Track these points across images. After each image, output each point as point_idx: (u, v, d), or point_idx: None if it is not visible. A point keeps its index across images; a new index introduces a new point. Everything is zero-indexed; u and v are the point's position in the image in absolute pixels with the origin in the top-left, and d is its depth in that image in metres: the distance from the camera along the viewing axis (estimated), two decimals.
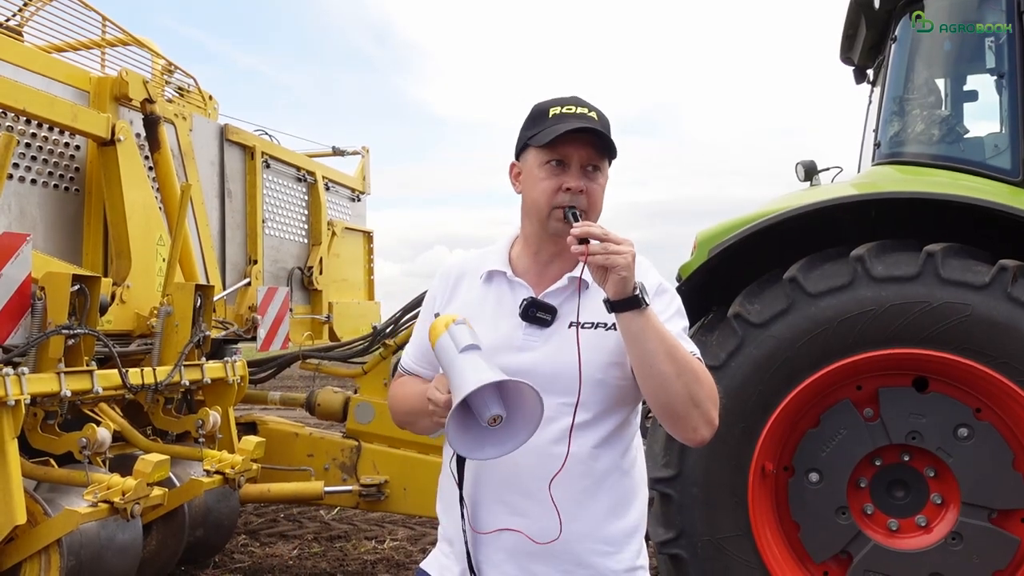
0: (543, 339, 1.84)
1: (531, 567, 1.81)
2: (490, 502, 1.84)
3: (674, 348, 1.72)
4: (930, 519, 3.50)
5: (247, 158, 6.12)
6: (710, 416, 1.76)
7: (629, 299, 1.68)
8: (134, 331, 4.66)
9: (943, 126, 4.17)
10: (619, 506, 1.87)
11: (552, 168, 1.84)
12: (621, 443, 1.88)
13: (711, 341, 3.54)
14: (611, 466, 1.86)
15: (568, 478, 1.79)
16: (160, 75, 5.58)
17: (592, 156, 1.84)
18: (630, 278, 1.67)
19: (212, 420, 4.58)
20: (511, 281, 1.92)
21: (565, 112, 1.86)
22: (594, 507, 1.83)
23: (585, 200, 1.82)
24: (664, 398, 1.73)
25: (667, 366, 1.70)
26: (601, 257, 1.66)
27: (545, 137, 1.82)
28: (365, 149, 7.86)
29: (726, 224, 3.72)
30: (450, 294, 2.00)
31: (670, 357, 1.70)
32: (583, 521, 1.81)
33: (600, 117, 1.86)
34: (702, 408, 1.74)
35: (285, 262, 6.54)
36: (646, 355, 1.70)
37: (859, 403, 3.53)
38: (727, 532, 3.49)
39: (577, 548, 1.81)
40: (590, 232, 1.68)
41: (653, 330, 1.70)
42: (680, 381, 1.71)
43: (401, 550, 6.19)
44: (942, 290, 3.34)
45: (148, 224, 4.79)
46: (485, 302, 1.92)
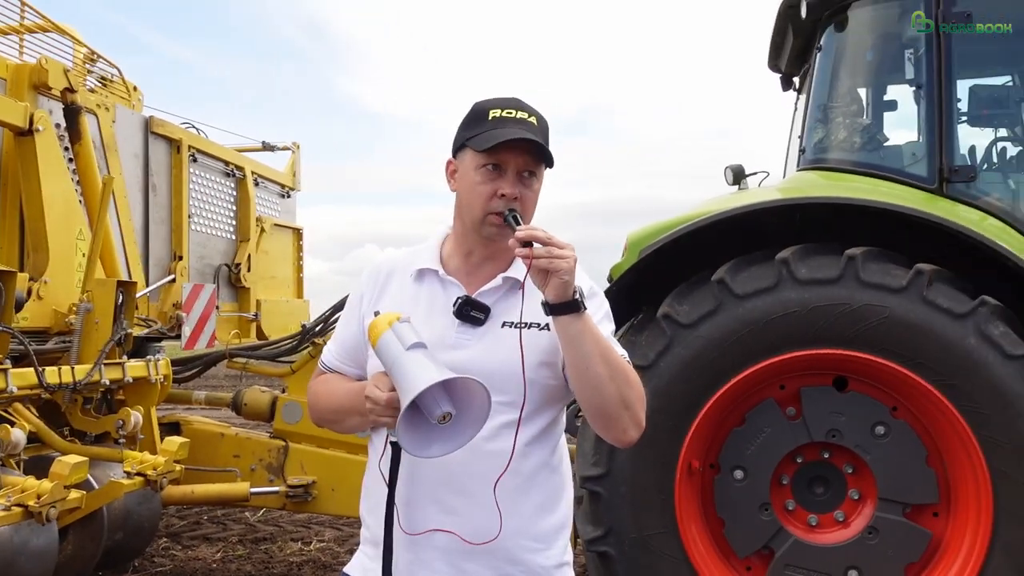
0: (476, 338, 1.84)
1: (464, 566, 1.81)
2: (424, 502, 1.82)
3: (608, 351, 1.75)
4: (848, 514, 3.61)
5: (173, 151, 5.98)
6: (639, 418, 1.80)
7: (569, 303, 1.69)
8: (52, 328, 4.52)
9: (864, 134, 4.31)
10: (549, 503, 1.89)
11: (488, 172, 1.84)
12: (550, 441, 1.90)
13: (640, 341, 3.59)
14: (541, 463, 1.87)
15: (499, 475, 1.79)
16: (82, 64, 5.42)
17: (528, 163, 1.84)
18: (571, 282, 1.68)
19: (133, 420, 4.47)
20: (443, 280, 1.92)
21: (505, 116, 1.85)
22: (526, 504, 1.84)
23: (519, 206, 1.82)
24: (598, 400, 1.76)
25: (602, 368, 1.72)
26: (545, 261, 1.67)
27: (484, 142, 1.82)
28: (296, 145, 7.76)
29: (656, 226, 3.77)
30: (379, 292, 1.98)
31: (605, 360, 1.73)
32: (515, 518, 1.82)
33: (539, 122, 1.87)
34: (632, 410, 1.78)
35: (212, 258, 6.41)
36: (582, 358, 1.72)
37: (782, 402, 3.63)
38: (654, 529, 3.54)
39: (509, 545, 1.81)
40: (534, 236, 1.68)
41: (590, 333, 1.72)
42: (613, 384, 1.74)
43: (328, 551, 6.12)
44: (862, 292, 3.45)
45: (67, 218, 4.65)
46: (417, 300, 1.91)
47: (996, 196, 3.99)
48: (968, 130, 4.28)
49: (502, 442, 1.80)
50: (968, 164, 4.02)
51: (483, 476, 1.79)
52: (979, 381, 3.37)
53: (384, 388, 1.73)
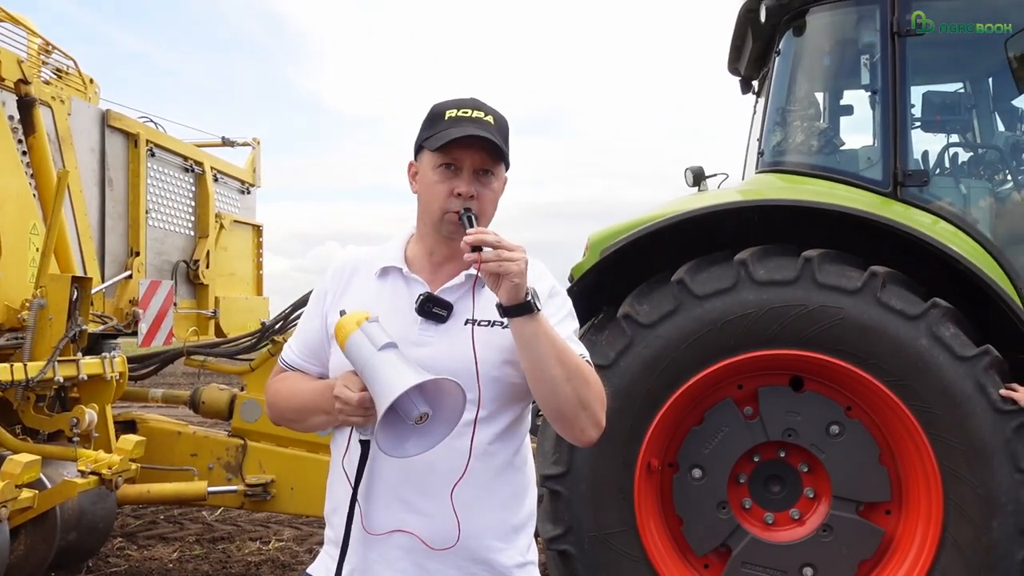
0: (439, 335, 1.84)
1: (427, 564, 1.81)
2: (387, 500, 1.82)
3: (564, 352, 1.75)
4: (803, 512, 3.67)
5: (130, 146, 5.88)
6: (598, 418, 1.81)
7: (521, 305, 1.70)
8: (4, 324, 4.43)
9: (821, 138, 4.38)
10: (512, 501, 1.89)
11: (444, 172, 1.85)
12: (515, 439, 1.91)
13: (601, 340, 3.62)
14: (505, 462, 1.88)
15: (466, 473, 1.80)
16: (36, 55, 5.30)
17: (484, 161, 1.85)
18: (522, 285, 1.69)
19: (88, 418, 4.39)
20: (406, 277, 1.92)
21: (461, 115, 1.86)
22: (489, 503, 1.85)
23: (476, 204, 1.84)
24: (554, 401, 1.77)
25: (557, 370, 1.73)
26: (494, 264, 1.68)
27: (438, 141, 1.83)
28: (256, 140, 7.68)
29: (617, 226, 3.80)
30: (343, 289, 1.98)
31: (560, 361, 1.73)
32: (479, 517, 1.83)
33: (497, 121, 1.88)
34: (590, 410, 1.78)
35: (170, 255, 6.32)
36: (537, 359, 1.73)
37: (740, 401, 3.68)
38: (614, 527, 3.57)
39: (472, 544, 1.82)
40: (483, 240, 1.69)
41: (544, 335, 1.73)
42: (570, 385, 1.74)
43: (287, 551, 6.08)
44: (818, 294, 3.51)
45: (21, 212, 4.55)
46: (380, 297, 1.91)
47: (948, 200, 4.08)
48: (921, 135, 4.39)
49: (464, 440, 1.80)
50: (921, 168, 4.11)
51: (445, 474, 1.79)
52: (930, 382, 3.45)
53: (355, 388, 1.74)
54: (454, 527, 1.79)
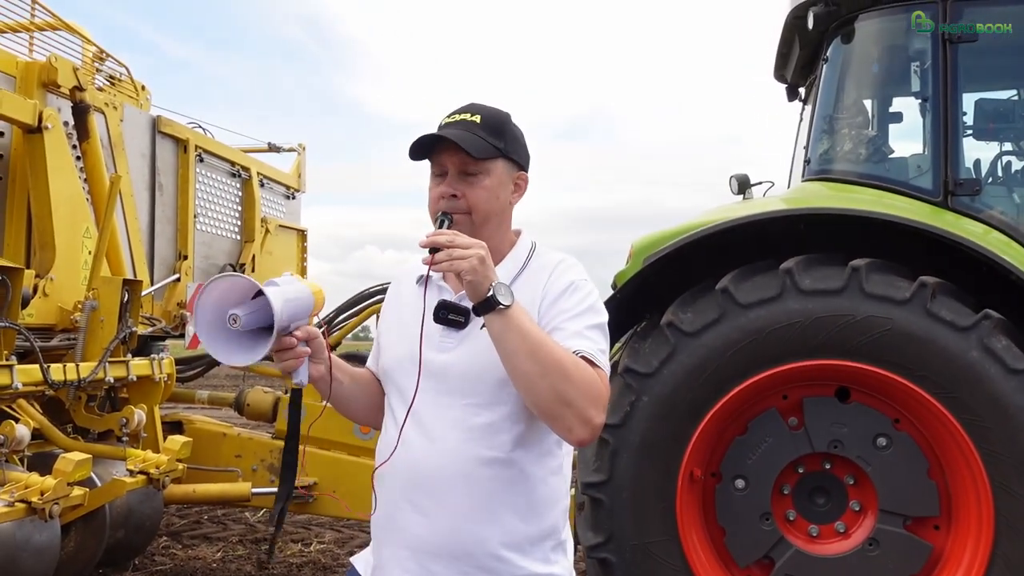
0: (458, 341, 1.86)
1: (431, 567, 1.82)
2: (398, 499, 1.86)
3: (538, 348, 1.71)
4: (849, 525, 3.62)
5: (180, 151, 5.99)
6: (586, 416, 1.73)
7: (483, 301, 1.70)
8: (57, 325, 4.53)
9: (870, 146, 4.32)
10: (528, 511, 1.85)
11: (434, 177, 1.92)
12: (537, 447, 1.87)
13: (644, 348, 3.61)
14: (522, 469, 1.85)
15: (473, 479, 1.81)
16: (91, 62, 5.43)
17: (465, 161, 1.88)
18: (478, 281, 1.68)
19: (137, 419, 4.47)
20: (436, 285, 1.97)
21: (448, 120, 1.92)
22: (499, 510, 1.82)
23: (464, 204, 1.87)
24: (531, 398, 1.74)
25: (529, 366, 1.70)
26: (446, 264, 1.69)
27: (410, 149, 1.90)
28: (301, 146, 7.77)
29: (661, 234, 3.79)
30: (391, 299, 2.09)
31: (532, 357, 1.70)
32: (485, 524, 1.81)
33: (484, 119, 1.91)
34: (575, 407, 1.72)
35: (217, 258, 6.42)
36: (507, 356, 1.72)
37: (785, 412, 3.64)
38: (655, 537, 3.55)
39: (477, 551, 1.81)
40: (435, 241, 1.72)
41: (514, 331, 1.70)
42: (544, 381, 1.70)
43: (328, 553, 6.13)
44: (865, 304, 3.46)
45: (74, 215, 4.66)
46: (414, 305, 1.95)
47: (1000, 210, 4.00)
48: (973, 143, 4.30)
49: (473, 444, 1.81)
50: (973, 177, 4.03)
51: (453, 478, 1.81)
52: (981, 394, 3.38)
53: None
54: (458, 531, 1.80)
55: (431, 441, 1.83)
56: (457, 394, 1.81)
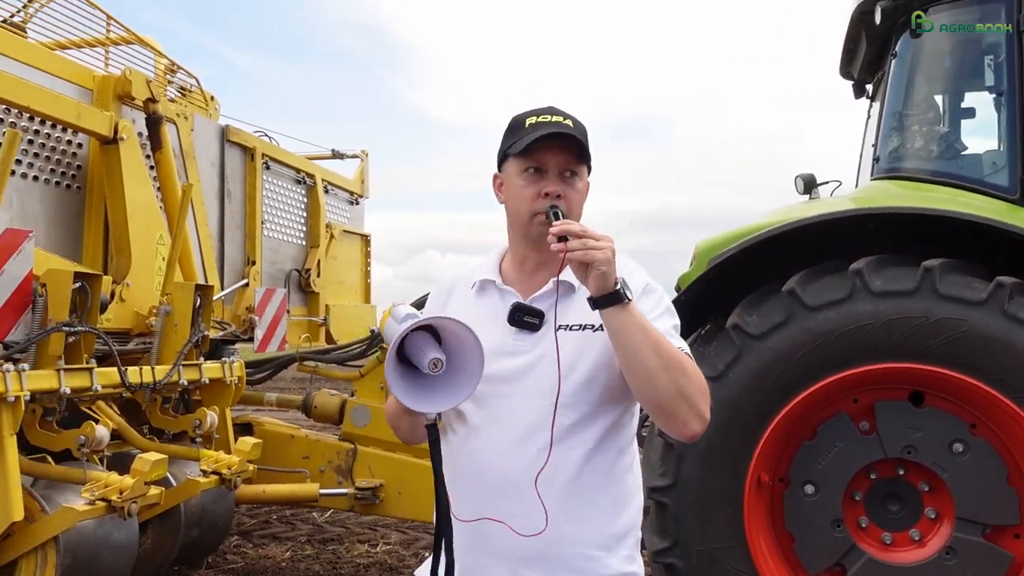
0: (533, 343, 1.86)
1: (521, 571, 1.82)
2: (480, 506, 1.84)
3: (659, 342, 1.73)
4: (924, 533, 3.52)
5: (247, 159, 6.13)
6: (700, 410, 1.76)
7: (610, 294, 1.70)
8: (133, 329, 4.67)
9: (942, 142, 4.21)
10: (612, 509, 1.88)
11: (530, 175, 1.88)
12: (615, 445, 1.89)
13: (709, 351, 3.57)
14: (604, 468, 1.86)
15: (560, 480, 1.81)
16: (163, 74, 5.59)
17: (569, 161, 1.87)
18: (610, 273, 1.69)
19: (209, 420, 4.58)
20: (500, 289, 1.96)
21: (541, 121, 1.89)
22: (585, 510, 1.84)
23: (564, 204, 1.86)
24: (651, 392, 1.75)
25: (653, 360, 1.71)
26: (580, 253, 1.68)
27: (521, 145, 1.86)
28: (364, 153, 7.88)
29: (725, 235, 3.74)
30: (442, 306, 2.03)
31: (656, 351, 1.71)
32: (574, 524, 1.82)
33: (575, 124, 1.90)
34: (691, 401, 1.74)
35: (283, 264, 6.55)
36: (630, 349, 1.72)
37: (855, 416, 3.56)
38: (722, 543, 3.51)
39: (567, 552, 1.82)
40: (569, 229, 1.70)
41: (637, 325, 1.71)
42: (667, 375, 1.72)
43: (394, 554, 6.19)
44: (939, 305, 3.37)
45: (149, 223, 4.80)
46: (476, 311, 1.94)
47: None
48: None
49: (557, 445, 1.80)
50: None
51: (542, 480, 1.80)
52: None
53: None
54: (549, 534, 1.79)
55: (515, 444, 1.82)
56: (536, 396, 1.80)
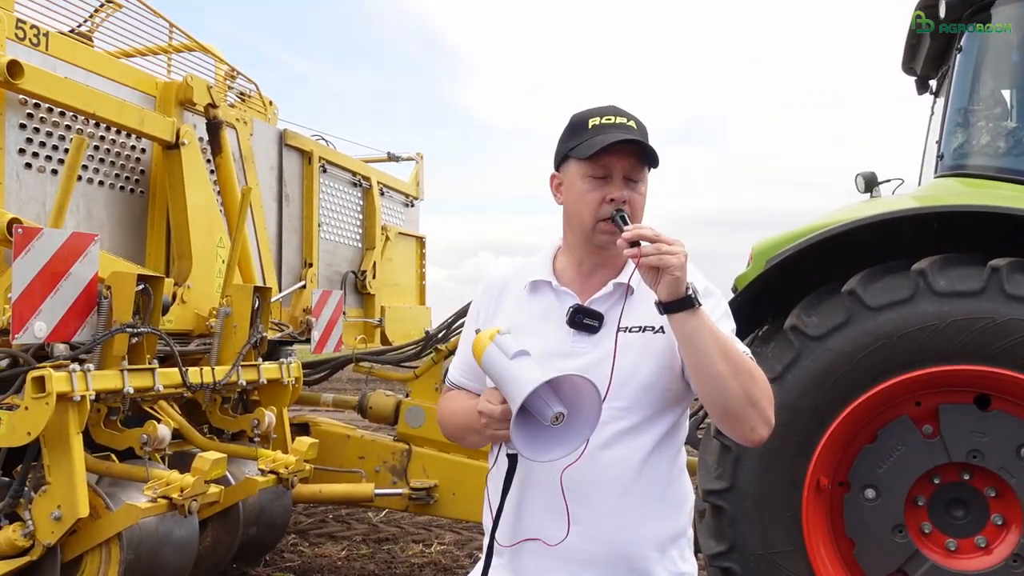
0: (592, 345, 1.85)
1: (579, 573, 1.82)
2: (541, 510, 1.84)
3: (728, 348, 1.72)
4: (990, 540, 3.42)
5: (305, 163, 6.22)
6: (767, 415, 1.76)
7: (682, 299, 1.68)
8: (194, 331, 4.76)
9: (1009, 138, 4.08)
10: (669, 511, 1.88)
11: (594, 180, 1.86)
12: (672, 447, 1.90)
13: (767, 353, 3.51)
14: (663, 470, 1.87)
15: (620, 483, 1.81)
16: (223, 80, 5.71)
17: (634, 167, 1.85)
18: (683, 278, 1.68)
19: (267, 420, 4.65)
20: (557, 290, 1.94)
21: (604, 123, 1.87)
22: (647, 513, 1.84)
23: (628, 209, 1.84)
24: (721, 398, 1.74)
25: (723, 366, 1.70)
26: (655, 258, 1.67)
27: (588, 150, 1.84)
28: (419, 155, 7.94)
29: (783, 236, 3.68)
30: (495, 305, 2.02)
31: (725, 357, 1.71)
32: (637, 527, 1.82)
33: (639, 126, 1.87)
34: (759, 407, 1.74)
35: (339, 266, 6.63)
36: (702, 355, 1.71)
37: (918, 419, 3.47)
38: (780, 547, 3.45)
39: (630, 553, 1.82)
40: (642, 234, 1.69)
41: (707, 330, 1.70)
42: (736, 380, 1.71)
43: (448, 554, 6.22)
44: (1007, 306, 3.27)
45: (209, 226, 4.90)
46: (531, 312, 1.94)
47: None
48: None
49: (617, 449, 1.80)
50: None
51: (597, 483, 1.80)
52: None
53: (496, 401, 1.76)
54: (612, 536, 1.80)
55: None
56: None
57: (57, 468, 3.58)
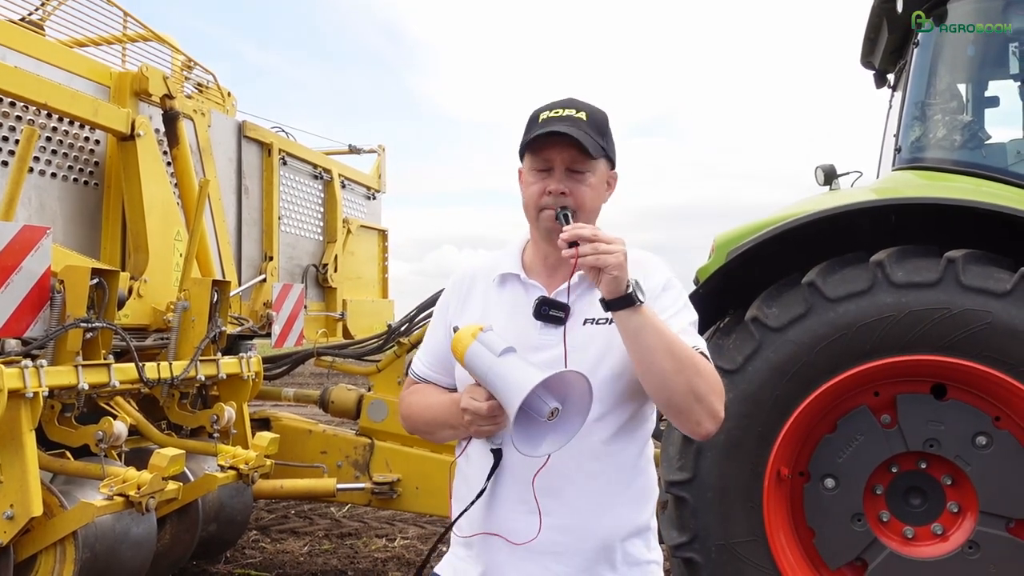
0: (559, 337, 1.84)
1: (552, 566, 1.82)
2: (511, 503, 1.85)
3: (673, 344, 1.72)
4: (947, 527, 3.48)
5: (264, 155, 6.14)
6: (713, 409, 1.76)
7: (623, 297, 1.69)
8: (151, 325, 4.68)
9: (965, 132, 4.15)
10: (637, 501, 1.89)
11: (538, 173, 1.88)
12: (639, 438, 1.90)
13: (728, 344, 3.53)
14: (629, 461, 1.88)
15: (586, 473, 1.82)
16: (180, 71, 5.60)
17: (575, 158, 1.86)
18: (622, 277, 1.68)
19: (227, 415, 4.58)
20: (524, 283, 1.95)
21: (552, 116, 1.88)
22: (614, 502, 1.84)
23: (572, 201, 1.85)
24: (666, 394, 1.74)
25: (667, 362, 1.70)
26: (592, 259, 1.67)
27: (526, 141, 1.88)
28: (381, 148, 7.88)
29: (745, 227, 3.71)
30: (464, 298, 2.03)
31: (670, 353, 1.71)
32: (602, 517, 1.83)
33: (591, 117, 1.88)
34: (705, 402, 1.74)
35: (300, 259, 6.56)
36: (645, 351, 1.71)
37: (877, 409, 3.52)
38: (741, 537, 3.48)
39: (598, 544, 1.83)
40: (579, 234, 1.70)
41: (651, 327, 1.71)
42: (681, 376, 1.71)
43: (412, 548, 6.20)
44: (963, 297, 3.32)
45: (166, 219, 4.81)
46: (500, 304, 1.95)
47: None
48: None
49: (585, 440, 1.79)
50: None
51: (568, 475, 1.81)
52: None
53: (481, 398, 1.75)
54: (580, 527, 1.80)
55: None
56: None
57: (9, 466, 3.49)
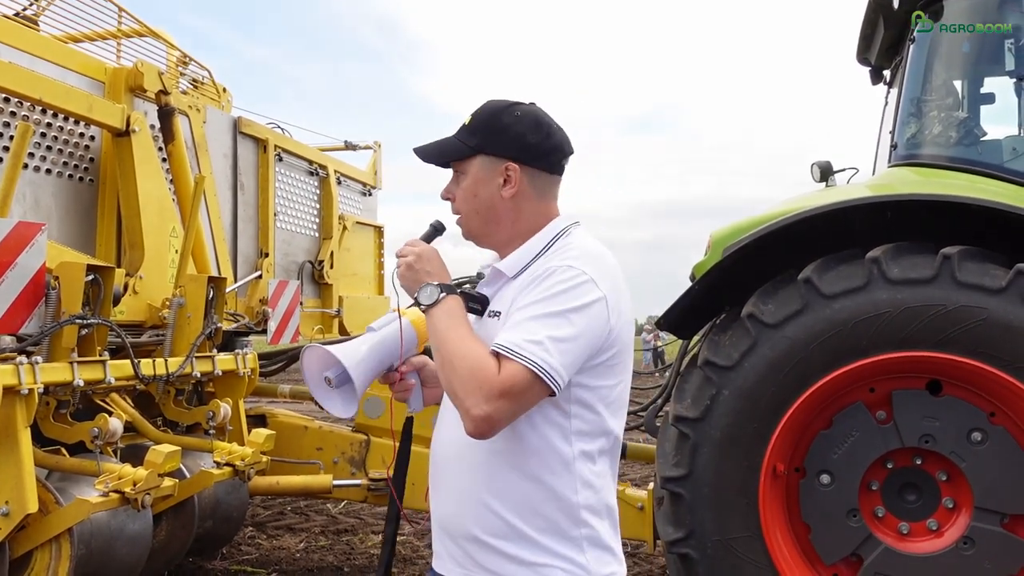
0: (478, 328, 1.90)
1: (448, 545, 1.92)
2: (432, 482, 1.99)
3: (443, 343, 1.78)
4: (942, 523, 3.49)
5: (260, 151, 6.13)
6: (465, 407, 1.69)
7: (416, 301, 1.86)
8: (146, 322, 4.67)
9: (961, 128, 4.15)
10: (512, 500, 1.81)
11: None
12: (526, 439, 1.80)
13: (724, 341, 3.54)
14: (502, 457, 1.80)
15: (467, 465, 1.86)
16: (175, 67, 5.59)
17: (449, 165, 2.00)
18: (407, 286, 1.89)
19: (223, 412, 4.58)
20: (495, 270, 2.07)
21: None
22: (483, 495, 1.83)
23: (453, 205, 1.99)
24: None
25: (436, 360, 1.80)
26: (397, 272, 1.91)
27: None
28: (377, 144, 7.87)
29: (741, 224, 3.71)
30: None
31: (437, 352, 1.79)
32: (471, 508, 1.85)
33: (473, 118, 1.96)
34: (458, 400, 1.72)
35: (296, 255, 6.55)
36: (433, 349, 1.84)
37: (872, 405, 3.52)
38: (737, 532, 3.48)
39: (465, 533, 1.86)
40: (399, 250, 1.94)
41: (432, 328, 1.82)
42: (442, 373, 1.77)
43: (408, 545, 6.20)
44: (958, 293, 3.33)
45: (161, 215, 4.80)
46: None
47: None
48: None
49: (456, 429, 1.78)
50: None
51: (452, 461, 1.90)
52: None
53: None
54: (455, 513, 1.89)
55: (442, 426, 1.96)
56: None
57: (5, 463, 3.49)
